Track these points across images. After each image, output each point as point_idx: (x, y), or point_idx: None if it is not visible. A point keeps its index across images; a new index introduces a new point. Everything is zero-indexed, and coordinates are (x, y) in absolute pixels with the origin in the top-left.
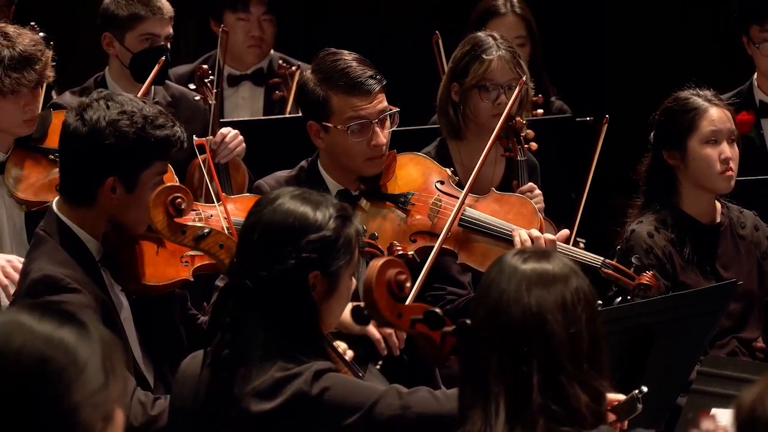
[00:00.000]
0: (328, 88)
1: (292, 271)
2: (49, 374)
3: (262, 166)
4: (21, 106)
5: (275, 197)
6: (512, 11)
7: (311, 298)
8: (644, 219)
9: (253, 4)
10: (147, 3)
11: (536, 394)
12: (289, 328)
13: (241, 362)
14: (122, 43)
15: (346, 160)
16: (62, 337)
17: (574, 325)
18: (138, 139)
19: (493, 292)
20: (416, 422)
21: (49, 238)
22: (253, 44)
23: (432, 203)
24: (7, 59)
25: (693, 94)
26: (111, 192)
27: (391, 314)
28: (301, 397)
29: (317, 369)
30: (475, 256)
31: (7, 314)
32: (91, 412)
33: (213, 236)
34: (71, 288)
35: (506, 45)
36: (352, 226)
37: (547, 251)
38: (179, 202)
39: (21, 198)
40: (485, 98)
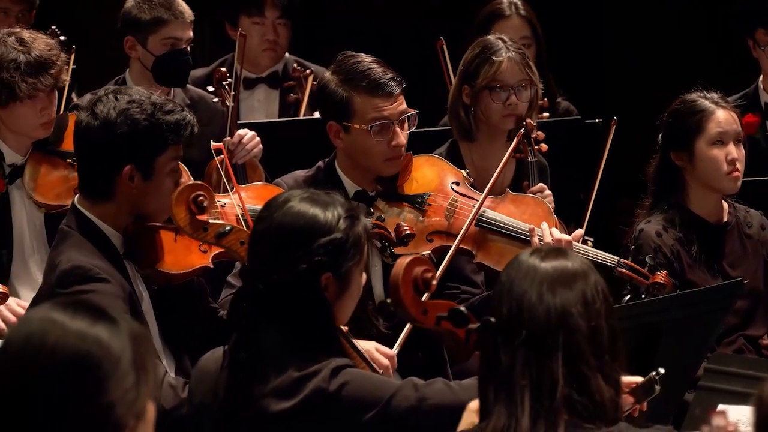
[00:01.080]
0: (351, 88)
1: (304, 274)
2: (84, 371)
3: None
4: (38, 110)
5: (285, 200)
6: (516, 13)
7: (324, 298)
8: (652, 218)
9: (268, 8)
10: (169, 7)
11: (561, 387)
12: (303, 328)
13: (259, 363)
14: (144, 47)
15: (366, 160)
16: (96, 333)
17: (595, 318)
18: (150, 125)
19: (515, 291)
20: (432, 413)
21: (74, 232)
22: (268, 48)
23: (448, 204)
24: (24, 65)
25: (700, 96)
26: (129, 181)
27: (417, 311)
28: (320, 393)
29: (335, 366)
30: (491, 256)
31: (41, 311)
32: (125, 410)
33: (234, 233)
34: (100, 278)
35: (516, 47)
36: (361, 225)
37: (561, 249)
38: (201, 200)
39: (39, 201)
40: (496, 99)
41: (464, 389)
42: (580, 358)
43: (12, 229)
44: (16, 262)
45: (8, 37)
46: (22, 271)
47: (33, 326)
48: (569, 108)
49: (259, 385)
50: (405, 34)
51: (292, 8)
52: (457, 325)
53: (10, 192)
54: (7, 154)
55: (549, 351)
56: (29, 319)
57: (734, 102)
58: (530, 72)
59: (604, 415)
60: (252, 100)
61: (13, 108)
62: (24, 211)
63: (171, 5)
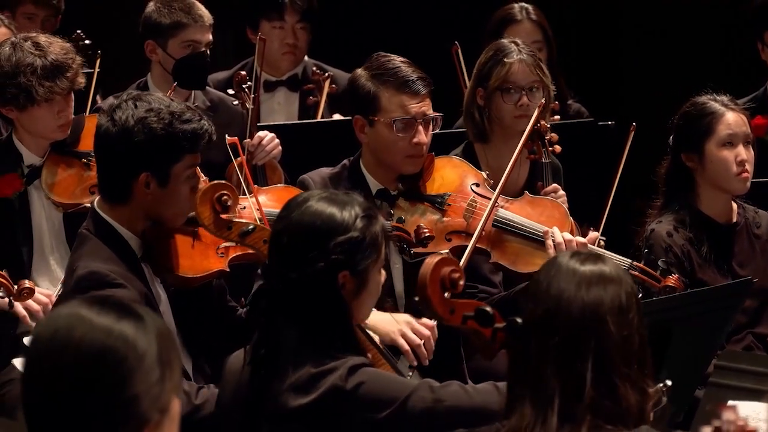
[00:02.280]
0: (380, 84)
1: (321, 272)
2: (109, 365)
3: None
4: (55, 113)
5: (304, 200)
6: (528, 18)
7: (341, 296)
8: (663, 219)
9: (288, 13)
10: (189, 11)
11: (589, 391)
12: (321, 326)
13: (278, 360)
14: (165, 50)
15: (387, 156)
16: (122, 329)
17: (627, 327)
18: (166, 134)
19: (552, 292)
20: (447, 414)
21: (92, 236)
22: (287, 51)
23: (467, 204)
24: (40, 69)
25: (710, 99)
26: (145, 187)
27: (444, 310)
28: (336, 391)
29: (352, 364)
30: (507, 256)
31: (68, 308)
32: (150, 404)
33: (258, 232)
34: (116, 283)
35: (528, 50)
36: (378, 224)
37: (599, 254)
38: (225, 199)
39: (56, 201)
40: (508, 100)
41: (479, 392)
42: (609, 365)
43: (32, 227)
44: (37, 260)
45: (24, 42)
46: (43, 268)
47: (60, 322)
48: (580, 110)
49: (278, 381)
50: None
51: (311, 13)
52: (483, 324)
53: (29, 192)
54: (25, 155)
55: (581, 355)
56: (57, 315)
57: (744, 104)
58: (541, 74)
59: (627, 420)
60: (272, 103)
61: (31, 111)
62: (43, 210)
63: (190, 9)
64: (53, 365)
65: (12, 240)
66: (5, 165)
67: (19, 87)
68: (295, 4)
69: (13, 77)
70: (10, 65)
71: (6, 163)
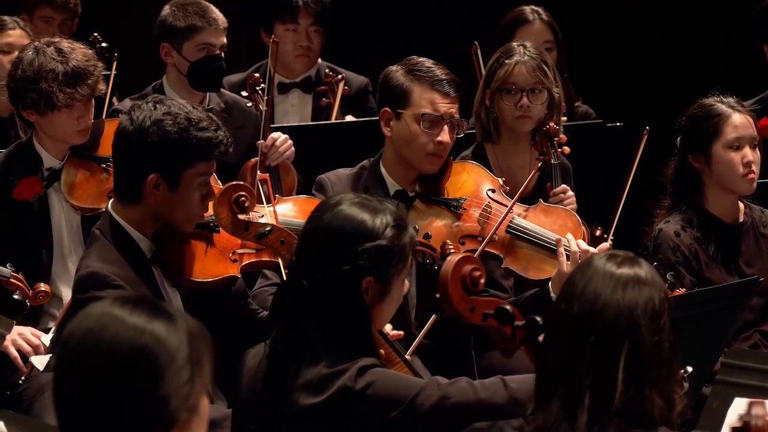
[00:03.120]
0: (413, 79)
1: (346, 275)
2: (140, 364)
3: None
4: (75, 119)
5: (336, 203)
6: (539, 18)
7: (363, 301)
8: (671, 219)
9: (302, 16)
10: (203, 14)
11: (619, 394)
12: (340, 327)
13: (295, 357)
14: (180, 53)
15: (409, 151)
16: (153, 328)
17: (659, 333)
18: (180, 139)
19: (588, 292)
20: (455, 410)
21: (102, 237)
22: (301, 54)
23: (482, 210)
24: (61, 75)
25: (717, 100)
26: (154, 189)
27: (465, 308)
28: (345, 392)
29: (361, 365)
30: (518, 262)
31: (101, 307)
32: (179, 403)
33: (275, 233)
34: (115, 285)
35: (533, 53)
36: (407, 235)
37: (635, 257)
38: (243, 200)
39: (75, 205)
40: (507, 100)
41: (486, 388)
42: (640, 369)
43: (51, 230)
44: (56, 262)
45: (47, 47)
46: (62, 270)
47: (92, 320)
48: (588, 111)
49: (293, 378)
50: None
51: (324, 15)
52: (503, 322)
53: (48, 195)
54: (45, 159)
55: (613, 357)
56: (89, 314)
57: (750, 106)
58: (543, 76)
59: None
60: (286, 104)
61: (51, 116)
62: (62, 213)
63: (205, 13)
64: (85, 363)
65: (32, 242)
66: (25, 168)
67: (40, 92)
68: (308, 6)
69: (35, 82)
70: (32, 70)
71: (26, 167)
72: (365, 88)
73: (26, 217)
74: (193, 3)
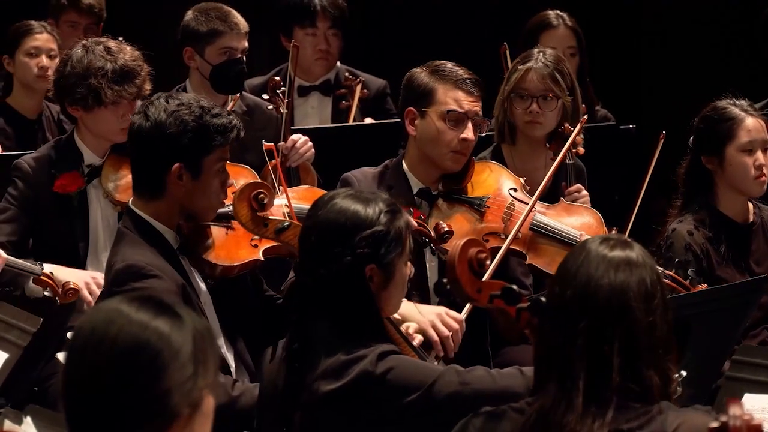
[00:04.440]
0: (437, 79)
1: (349, 266)
2: (143, 359)
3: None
4: (119, 116)
5: (330, 198)
6: (564, 24)
7: (369, 289)
8: (684, 218)
9: (320, 20)
10: (225, 19)
11: (615, 374)
12: (351, 318)
13: (310, 353)
14: (202, 57)
15: (433, 149)
16: (157, 326)
17: (653, 314)
18: (197, 125)
19: (580, 276)
20: (472, 398)
21: (128, 233)
22: (320, 57)
23: (505, 208)
24: (110, 72)
25: (730, 103)
26: (178, 179)
27: (472, 289)
28: (366, 376)
29: (381, 351)
30: (542, 259)
31: (110, 303)
32: (180, 399)
33: (292, 229)
34: (153, 274)
35: (549, 60)
36: (402, 219)
37: (628, 240)
38: (262, 197)
39: (118, 200)
40: (518, 105)
41: (503, 376)
42: (635, 350)
43: (89, 224)
44: (90, 256)
45: (96, 45)
46: (95, 264)
47: (100, 316)
48: (607, 116)
49: (311, 371)
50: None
51: (342, 19)
52: (509, 303)
53: (87, 190)
54: (86, 155)
55: (607, 339)
56: (98, 310)
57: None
58: (554, 84)
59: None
60: (306, 107)
61: (97, 112)
62: (99, 208)
63: (227, 17)
64: (91, 357)
65: (70, 235)
66: (67, 164)
67: (89, 88)
68: (326, 11)
69: (84, 78)
70: (81, 67)
71: (67, 162)
72: (383, 90)
73: (66, 211)
74: (215, 8)
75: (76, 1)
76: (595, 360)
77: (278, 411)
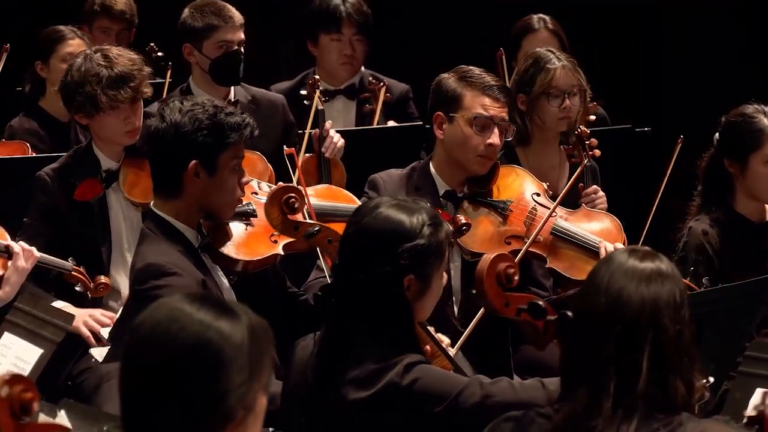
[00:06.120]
0: (466, 85)
1: (388, 276)
2: (204, 357)
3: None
4: (121, 120)
5: (375, 206)
6: (545, 27)
7: (405, 298)
8: (701, 217)
9: (345, 26)
10: (219, 13)
11: (643, 381)
12: (384, 324)
13: (343, 354)
14: (201, 52)
15: (460, 153)
16: (219, 326)
17: (680, 323)
18: (212, 123)
19: (613, 286)
20: (496, 409)
21: (151, 234)
22: (345, 62)
23: (528, 212)
24: (105, 79)
25: (758, 110)
26: (195, 176)
27: (499, 303)
28: (393, 387)
29: (408, 362)
30: (562, 263)
31: (171, 302)
32: (236, 402)
33: (322, 233)
34: (172, 272)
35: (565, 56)
36: (443, 231)
37: (655, 252)
38: (293, 201)
39: (136, 201)
40: (552, 103)
41: (526, 389)
42: (664, 357)
43: (110, 228)
44: (115, 256)
45: (95, 53)
46: (121, 265)
47: (162, 313)
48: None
49: (341, 374)
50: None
51: (367, 25)
52: (536, 317)
53: (106, 195)
54: (102, 161)
55: (638, 347)
56: (159, 308)
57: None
58: (580, 77)
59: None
60: (331, 110)
61: (98, 118)
62: (121, 211)
63: (221, 12)
64: (152, 353)
65: (92, 240)
66: (85, 171)
67: (86, 95)
68: (351, 17)
69: (81, 86)
70: (79, 75)
71: (86, 169)
72: (406, 94)
73: (87, 217)
74: (209, 3)
75: (108, 8)
76: (624, 367)
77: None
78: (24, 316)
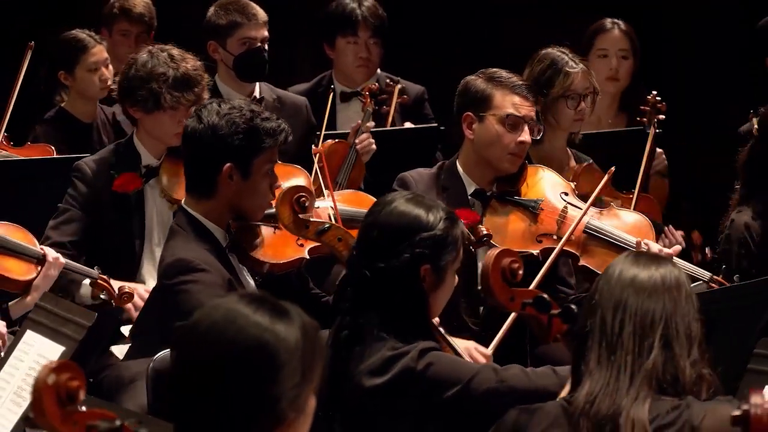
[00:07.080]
0: (495, 85)
1: (406, 264)
2: (260, 359)
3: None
4: (176, 121)
5: (390, 200)
6: (618, 27)
7: (422, 287)
8: (743, 209)
9: (361, 29)
10: (243, 11)
11: (653, 366)
12: (400, 313)
13: (358, 343)
14: (225, 49)
15: (491, 151)
16: (275, 329)
17: (689, 315)
18: (249, 127)
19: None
20: (508, 395)
21: (181, 230)
22: (361, 64)
23: (560, 211)
24: (171, 79)
25: None
26: (229, 179)
27: (505, 297)
28: (408, 372)
29: (422, 347)
30: (595, 260)
31: (227, 303)
32: (288, 405)
33: (333, 231)
34: (200, 268)
35: (579, 58)
36: (459, 228)
37: (659, 256)
38: (303, 200)
39: (176, 198)
40: (570, 106)
41: (538, 376)
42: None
43: (145, 222)
44: (146, 252)
45: (161, 52)
46: (150, 260)
47: (220, 313)
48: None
49: (356, 362)
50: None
51: (383, 28)
52: (541, 310)
53: (144, 190)
54: (143, 156)
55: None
56: (216, 308)
57: None
58: (593, 80)
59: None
60: (349, 112)
61: (156, 116)
62: (155, 207)
63: (244, 9)
64: (207, 353)
65: (127, 232)
66: (126, 165)
67: (150, 92)
68: (367, 20)
69: (147, 82)
70: (145, 71)
71: (126, 163)
72: (421, 96)
73: (124, 209)
74: (233, 2)
75: (128, 11)
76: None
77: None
78: (46, 314)
